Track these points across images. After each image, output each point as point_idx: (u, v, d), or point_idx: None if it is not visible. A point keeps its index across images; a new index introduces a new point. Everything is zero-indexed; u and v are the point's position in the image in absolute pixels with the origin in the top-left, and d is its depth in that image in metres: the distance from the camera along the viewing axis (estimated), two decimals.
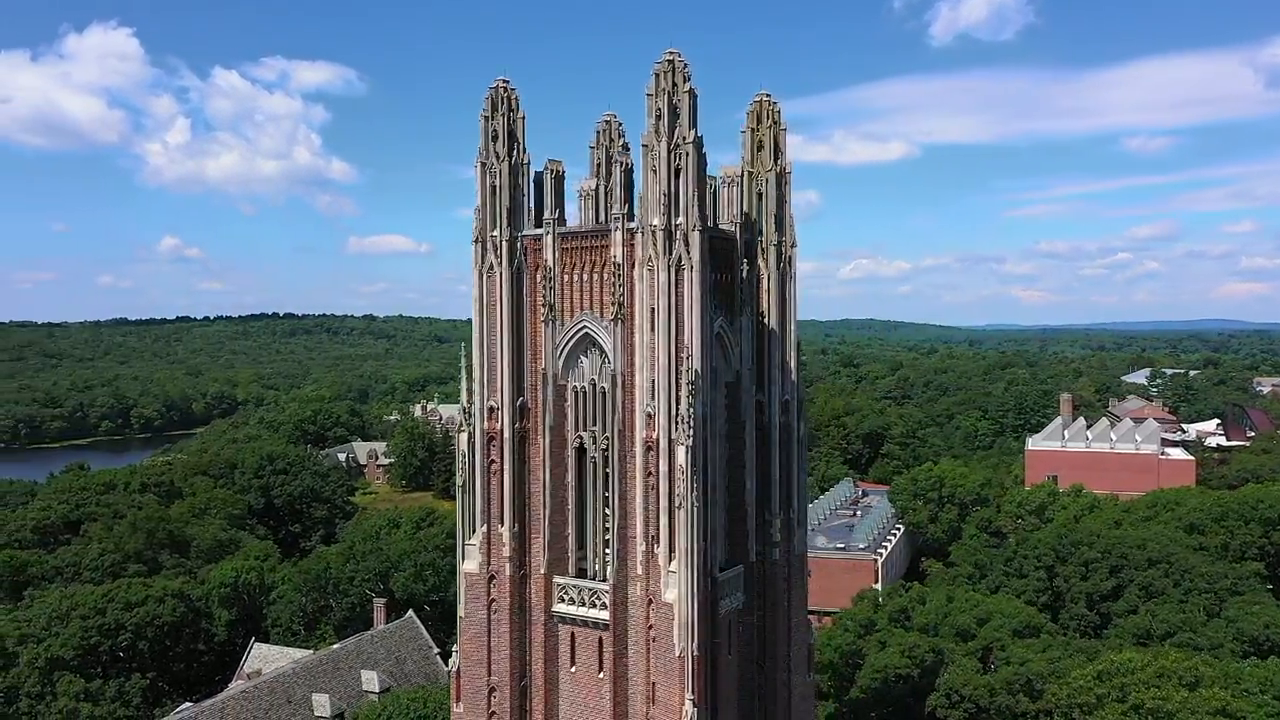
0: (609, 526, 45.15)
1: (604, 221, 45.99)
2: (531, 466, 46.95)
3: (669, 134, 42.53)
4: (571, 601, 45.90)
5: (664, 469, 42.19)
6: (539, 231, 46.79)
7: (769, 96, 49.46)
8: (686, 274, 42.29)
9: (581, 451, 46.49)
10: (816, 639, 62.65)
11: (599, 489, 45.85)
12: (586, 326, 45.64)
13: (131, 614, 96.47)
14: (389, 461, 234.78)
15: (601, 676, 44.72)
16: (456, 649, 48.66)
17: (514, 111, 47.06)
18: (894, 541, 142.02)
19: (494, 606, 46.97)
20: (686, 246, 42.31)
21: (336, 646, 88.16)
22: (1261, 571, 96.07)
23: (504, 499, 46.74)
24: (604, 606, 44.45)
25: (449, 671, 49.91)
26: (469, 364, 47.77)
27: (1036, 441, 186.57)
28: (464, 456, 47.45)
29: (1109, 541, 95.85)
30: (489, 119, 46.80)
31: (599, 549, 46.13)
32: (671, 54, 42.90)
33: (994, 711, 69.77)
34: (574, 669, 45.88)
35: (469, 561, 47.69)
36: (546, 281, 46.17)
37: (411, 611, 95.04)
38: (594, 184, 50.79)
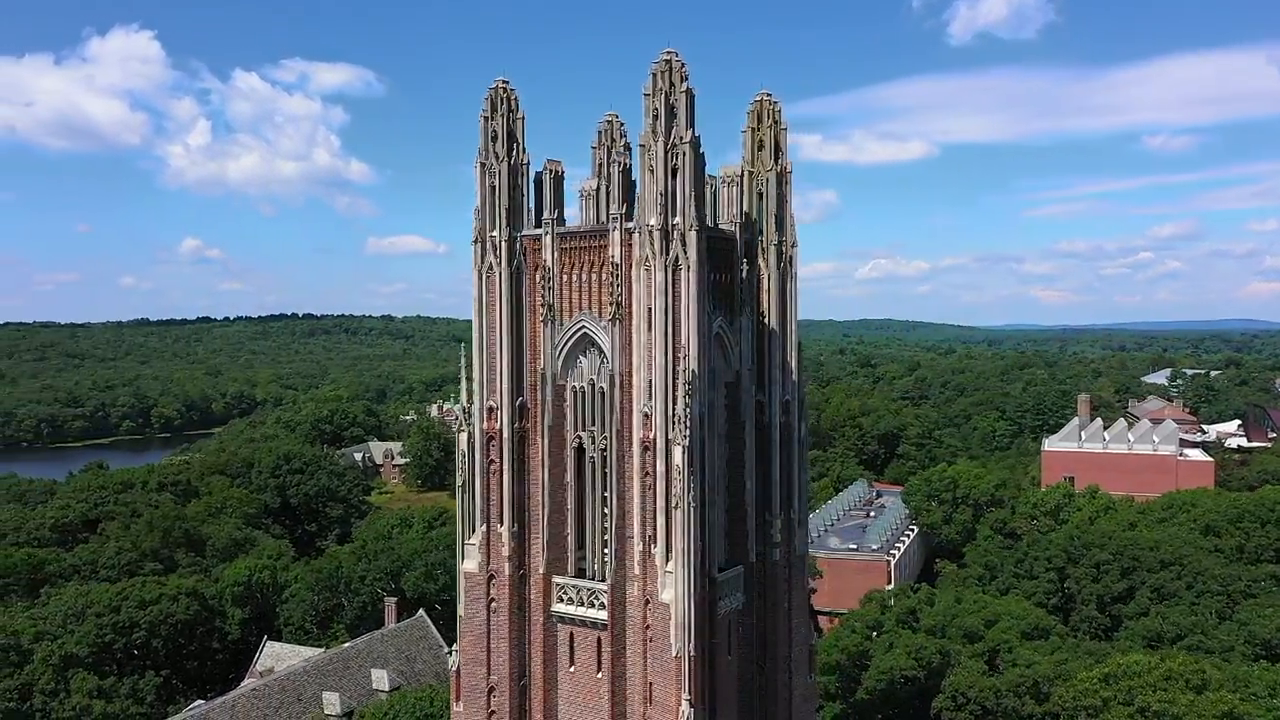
0: (607, 526, 45.17)
1: (603, 222, 46.02)
2: (531, 466, 47.01)
3: (666, 134, 42.49)
4: (570, 601, 45.94)
5: (661, 469, 42.17)
6: (538, 231, 46.86)
7: (770, 96, 49.36)
8: (683, 274, 42.23)
9: (580, 451, 46.50)
10: (817, 641, 62.46)
11: (598, 489, 45.86)
12: (585, 326, 45.67)
13: (145, 612, 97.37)
14: (405, 461, 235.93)
15: (600, 676, 44.74)
16: (456, 648, 48.83)
17: (514, 112, 47.14)
18: (907, 543, 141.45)
19: (493, 606, 47.07)
20: (683, 246, 42.27)
21: (347, 645, 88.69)
22: (1277, 574, 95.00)
23: (503, 499, 46.83)
24: (602, 606, 44.44)
25: (449, 670, 50.07)
26: (468, 364, 47.91)
27: (1053, 442, 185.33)
28: (463, 456, 47.59)
29: (1121, 543, 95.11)
30: (488, 119, 46.89)
31: (598, 549, 46.15)
32: (669, 54, 42.84)
33: (1000, 713, 69.32)
34: (573, 669, 45.92)
35: (468, 561, 47.83)
36: (545, 281, 46.25)
37: (422, 611, 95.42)
38: (595, 184, 50.70)
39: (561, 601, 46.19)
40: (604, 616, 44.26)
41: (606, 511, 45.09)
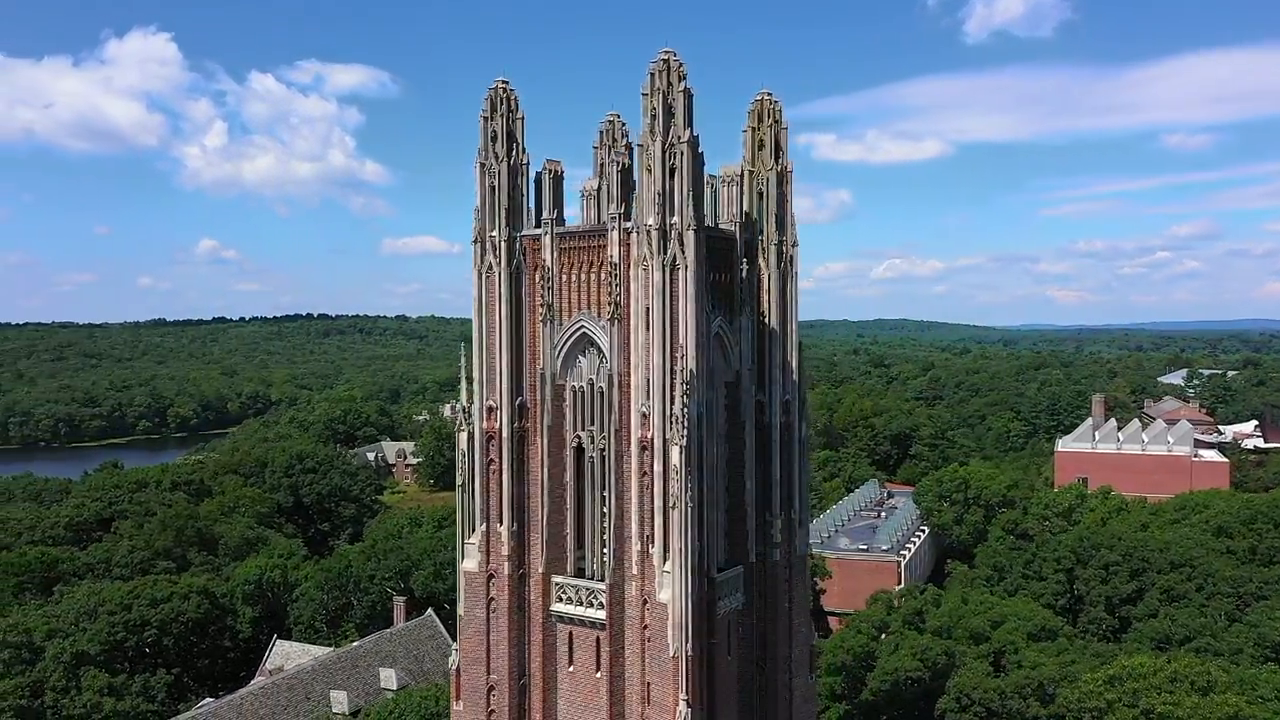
0: (606, 526, 45.17)
1: (603, 222, 46.05)
2: (530, 466, 47.08)
3: (664, 133, 42.49)
4: (570, 601, 45.98)
5: (658, 469, 42.16)
6: (538, 231, 46.94)
7: (770, 95, 49.31)
8: (681, 273, 42.21)
9: (580, 451, 46.55)
10: (819, 641, 62.25)
11: (597, 488, 45.88)
12: (584, 326, 45.72)
13: (157, 610, 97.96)
14: (417, 461, 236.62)
15: (599, 676, 44.76)
16: (456, 647, 48.95)
17: (513, 112, 47.25)
18: (918, 543, 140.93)
19: (493, 605, 47.17)
20: (681, 246, 42.25)
21: (356, 644, 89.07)
22: None
23: (503, 498, 46.92)
24: (601, 606, 44.43)
25: (449, 669, 50.21)
26: (468, 364, 48.05)
27: (1066, 443, 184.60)
28: (463, 456, 47.72)
29: (1130, 544, 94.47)
30: (488, 120, 47.00)
31: (597, 548, 46.17)
32: (666, 53, 42.82)
33: (1004, 715, 68.92)
34: (572, 668, 45.95)
35: (468, 560, 47.94)
36: (545, 281, 46.32)
37: (431, 610, 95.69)
38: (596, 184, 50.81)
39: (561, 601, 46.24)
40: (602, 616, 44.26)
41: (605, 511, 45.12)
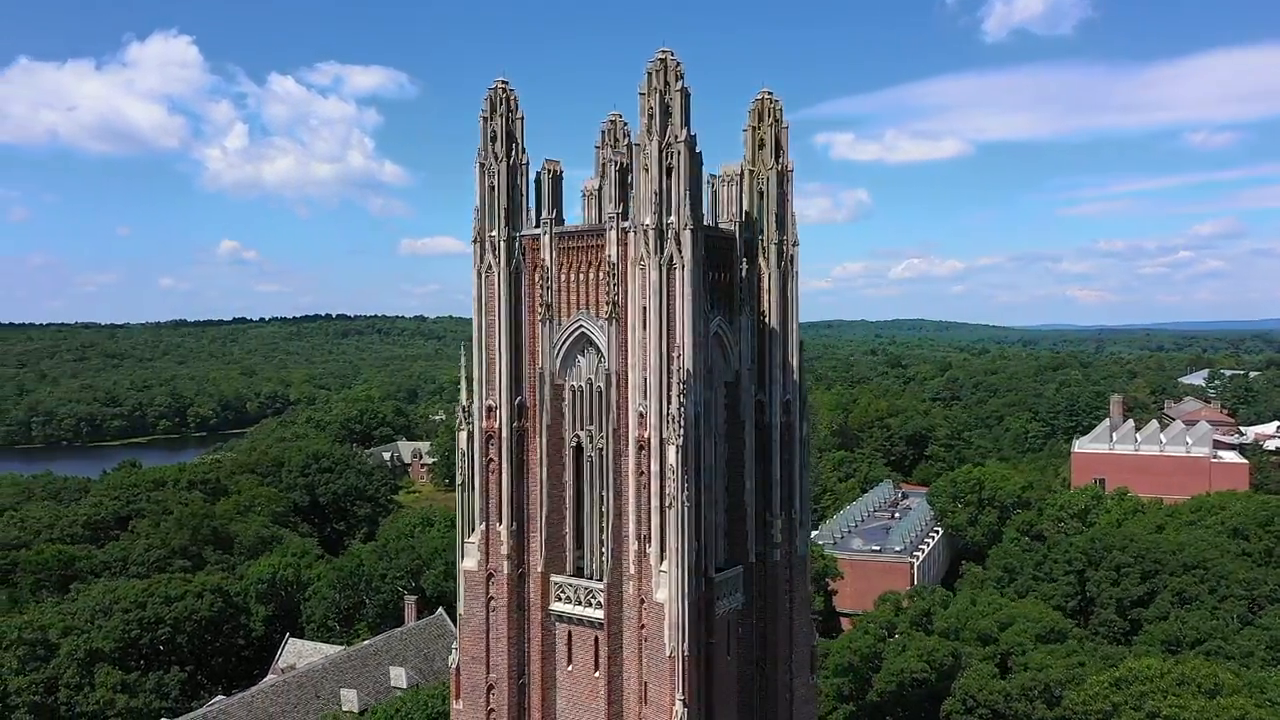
0: (605, 525, 45.18)
1: (602, 221, 46.06)
2: (529, 465, 47.15)
3: (661, 133, 42.48)
4: (568, 600, 46.03)
5: (655, 468, 42.16)
6: (537, 231, 47.03)
7: (770, 94, 49.22)
8: (678, 273, 42.18)
9: (579, 450, 46.61)
10: (829, 642, 62.05)
11: (596, 488, 45.91)
12: (583, 326, 45.77)
13: (171, 608, 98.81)
14: (433, 461, 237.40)
15: (597, 675, 44.75)
16: (456, 646, 49.09)
17: (513, 112, 47.36)
18: (931, 544, 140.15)
19: (492, 604, 47.27)
20: (678, 245, 42.22)
21: (367, 643, 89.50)
22: None
23: (502, 497, 47.03)
24: (599, 605, 44.45)
25: (449, 668, 50.36)
26: (468, 363, 48.19)
27: (1083, 444, 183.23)
28: (463, 455, 47.86)
29: (1143, 546, 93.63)
30: (488, 120, 47.12)
31: (596, 548, 46.20)
32: (664, 53, 42.80)
33: (1009, 717, 68.46)
34: (571, 667, 45.99)
35: (468, 559, 48.07)
36: (544, 281, 46.40)
37: (441, 609, 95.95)
38: (598, 184, 50.88)
39: (559, 600, 46.29)
40: (601, 615, 44.25)
41: (604, 511, 45.16)
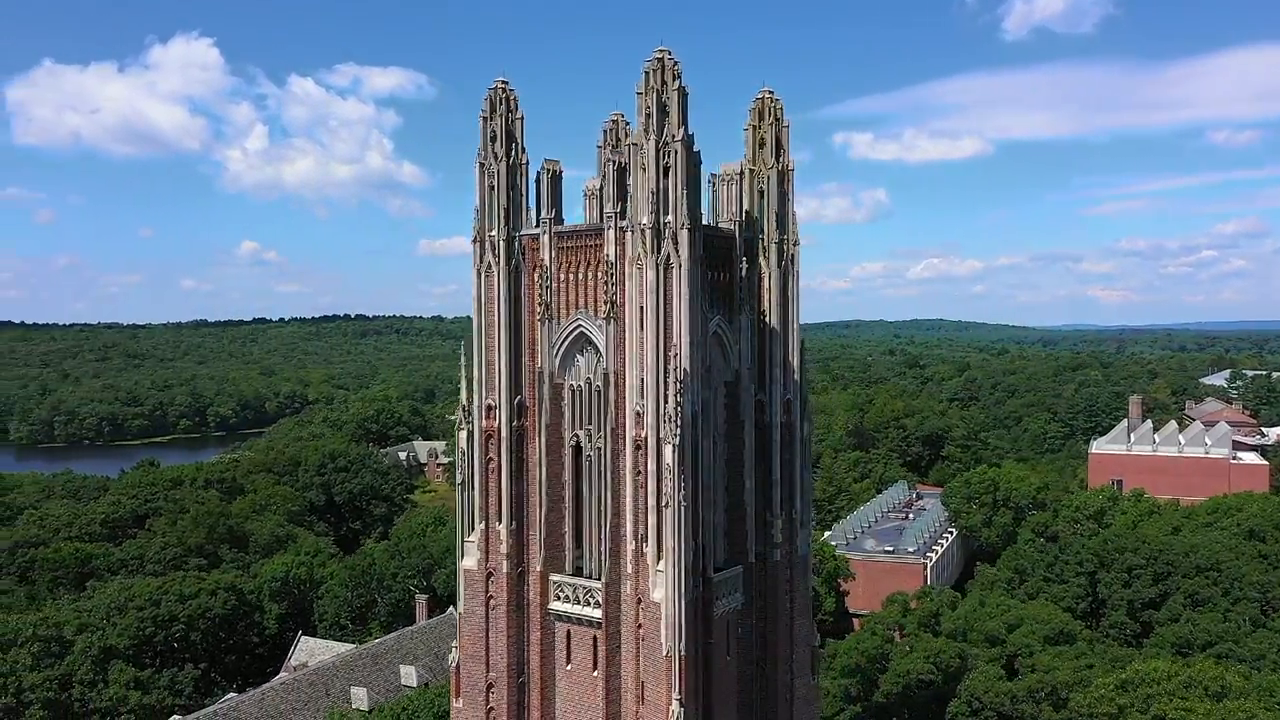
0: (604, 524, 45.21)
1: (601, 221, 46.09)
2: (529, 464, 47.25)
3: (658, 132, 42.49)
4: (567, 599, 46.07)
5: (652, 468, 42.16)
6: (536, 231, 47.14)
7: (771, 93, 49.12)
8: (675, 272, 42.16)
9: (578, 449, 46.67)
10: (836, 643, 61.82)
11: (595, 487, 45.95)
12: (582, 325, 45.82)
13: (185, 606, 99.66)
14: (448, 460, 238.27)
15: (595, 674, 44.79)
16: (456, 644, 49.24)
17: (512, 112, 47.48)
18: (945, 545, 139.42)
19: (492, 603, 47.41)
20: (675, 245, 42.20)
21: (378, 641, 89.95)
22: None
23: (501, 497, 47.15)
24: (597, 605, 44.47)
25: (448, 667, 50.52)
26: (468, 362, 48.35)
27: (1101, 445, 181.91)
28: (463, 454, 48.02)
29: (1155, 547, 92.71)
30: (487, 119, 47.25)
31: (595, 547, 46.24)
32: (661, 52, 42.82)
33: (1015, 719, 67.98)
34: (569, 666, 46.04)
35: (468, 558, 48.23)
36: (543, 280, 46.50)
37: (453, 608, 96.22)
38: (599, 184, 50.89)
39: (559, 599, 46.35)
40: (599, 615, 44.29)
41: (603, 510, 45.20)
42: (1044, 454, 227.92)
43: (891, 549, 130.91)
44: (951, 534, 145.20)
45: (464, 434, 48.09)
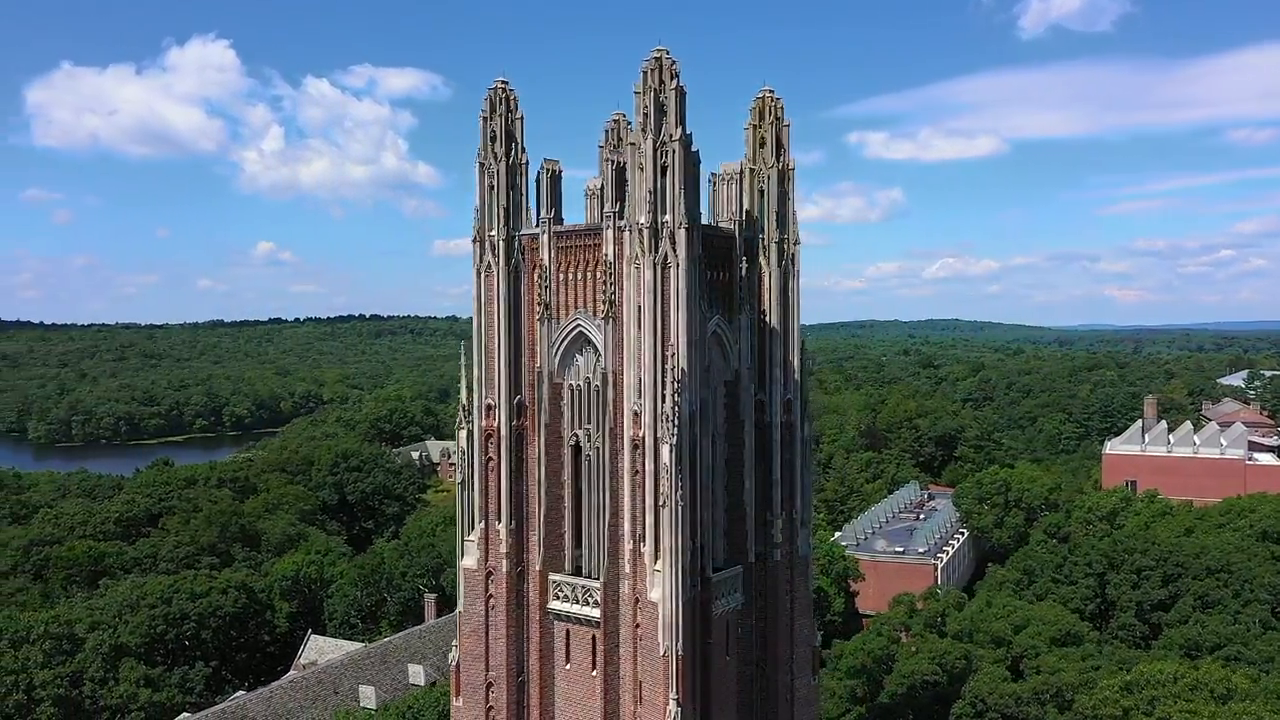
0: (603, 524, 45.22)
1: (600, 220, 46.12)
2: (528, 464, 47.29)
3: (656, 131, 42.44)
4: (566, 599, 46.09)
5: (649, 467, 42.13)
6: (536, 230, 47.20)
7: (771, 92, 49.00)
8: (673, 271, 42.10)
9: (577, 449, 46.69)
10: (844, 644, 61.60)
11: (594, 486, 45.96)
12: (581, 325, 45.85)
13: (196, 604, 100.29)
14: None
15: (594, 674, 44.79)
16: (455, 643, 49.36)
17: (512, 112, 47.56)
18: (956, 546, 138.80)
19: (492, 603, 47.48)
20: (673, 244, 42.15)
21: (387, 640, 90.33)
22: None
23: (501, 496, 47.22)
24: (596, 604, 44.43)
25: (449, 666, 50.65)
26: (468, 362, 48.47)
27: (1115, 445, 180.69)
28: (463, 454, 48.12)
29: (1165, 549, 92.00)
30: (487, 119, 47.34)
31: (594, 547, 46.26)
32: (659, 52, 42.78)
33: None
34: (569, 666, 46.06)
35: (467, 558, 48.32)
36: (542, 280, 46.57)
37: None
38: (600, 183, 50.93)
39: (558, 599, 46.37)
40: (598, 614, 44.26)
41: (601, 509, 45.21)
42: (1059, 455, 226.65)
43: (902, 550, 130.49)
44: (963, 535, 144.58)
45: (464, 433, 48.23)
